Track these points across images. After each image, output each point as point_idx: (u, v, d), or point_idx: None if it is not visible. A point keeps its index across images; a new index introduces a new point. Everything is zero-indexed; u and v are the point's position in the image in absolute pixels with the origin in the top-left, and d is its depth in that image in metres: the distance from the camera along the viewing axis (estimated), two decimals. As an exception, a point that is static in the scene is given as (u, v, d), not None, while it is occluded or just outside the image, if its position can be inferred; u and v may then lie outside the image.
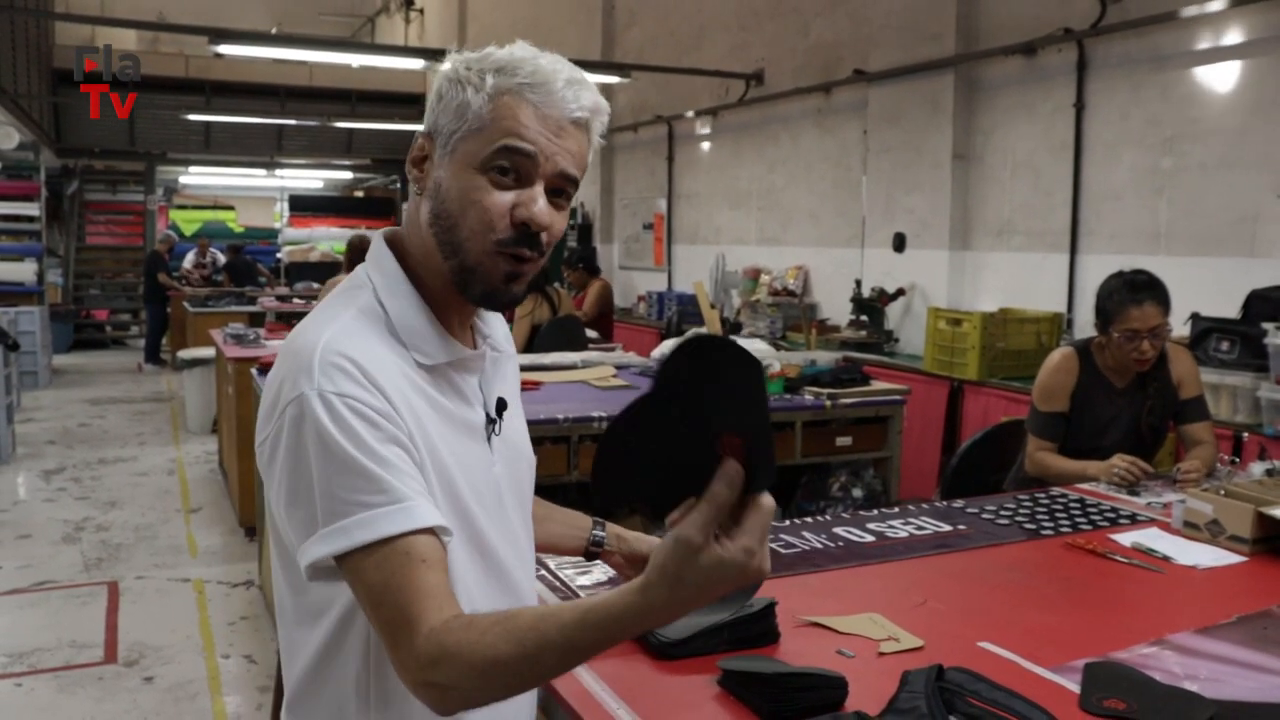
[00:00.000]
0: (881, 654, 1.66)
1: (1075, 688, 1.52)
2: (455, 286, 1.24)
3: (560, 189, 1.23)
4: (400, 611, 1.08)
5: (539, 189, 1.21)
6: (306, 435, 1.12)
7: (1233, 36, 4.90)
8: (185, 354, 8.86)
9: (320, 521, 1.12)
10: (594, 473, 1.05)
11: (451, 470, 1.22)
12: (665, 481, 1.02)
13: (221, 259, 13.75)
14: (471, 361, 1.30)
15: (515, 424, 1.39)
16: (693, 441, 0.99)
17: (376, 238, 1.32)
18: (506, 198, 1.20)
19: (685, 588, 1.00)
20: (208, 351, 8.18)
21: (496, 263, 1.22)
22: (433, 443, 1.20)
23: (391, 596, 1.09)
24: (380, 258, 1.29)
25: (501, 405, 1.34)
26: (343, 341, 1.17)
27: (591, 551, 1.66)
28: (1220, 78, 4.97)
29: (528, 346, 6.34)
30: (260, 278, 13.43)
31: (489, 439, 1.31)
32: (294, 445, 1.13)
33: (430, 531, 1.12)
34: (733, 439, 0.99)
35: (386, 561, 1.09)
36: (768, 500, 1.02)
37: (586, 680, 1.53)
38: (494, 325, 1.40)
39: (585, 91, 1.23)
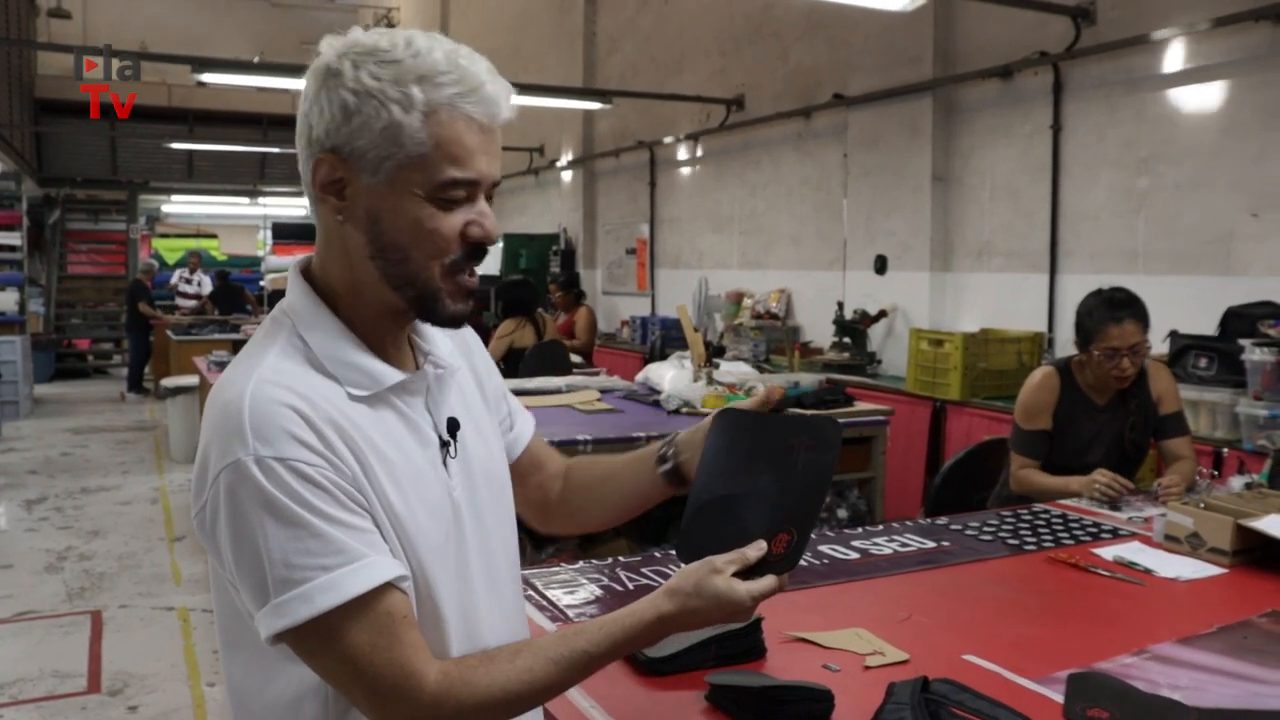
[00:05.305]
0: (867, 667, 1.67)
1: (1059, 698, 1.54)
2: (414, 314, 1.21)
3: (489, 194, 1.21)
4: (395, 668, 1.09)
5: (484, 203, 1.19)
6: (247, 503, 1.06)
7: (1204, 59, 4.97)
8: (169, 382, 8.83)
9: (273, 591, 1.06)
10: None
11: (398, 511, 1.15)
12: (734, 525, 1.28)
13: (209, 285, 13.71)
14: (413, 384, 1.22)
15: (476, 442, 1.31)
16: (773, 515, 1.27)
17: (292, 267, 1.25)
18: (457, 219, 1.16)
19: (694, 599, 1.20)
20: (191, 380, 8.16)
21: (454, 284, 1.19)
22: (379, 482, 1.14)
23: (381, 655, 1.08)
24: (295, 290, 1.22)
25: (454, 425, 1.26)
26: (269, 391, 1.10)
27: (670, 474, 1.43)
28: (1193, 99, 5.04)
29: (510, 370, 6.35)
30: (247, 305, 13.39)
31: (445, 463, 1.24)
32: (234, 514, 1.07)
33: (394, 585, 1.11)
34: (785, 537, 1.26)
35: (369, 621, 1.08)
36: (779, 581, 1.25)
37: (575, 698, 1.54)
38: (436, 341, 1.31)
39: (502, 83, 1.18)
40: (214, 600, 1.23)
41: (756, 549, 1.24)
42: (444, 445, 1.25)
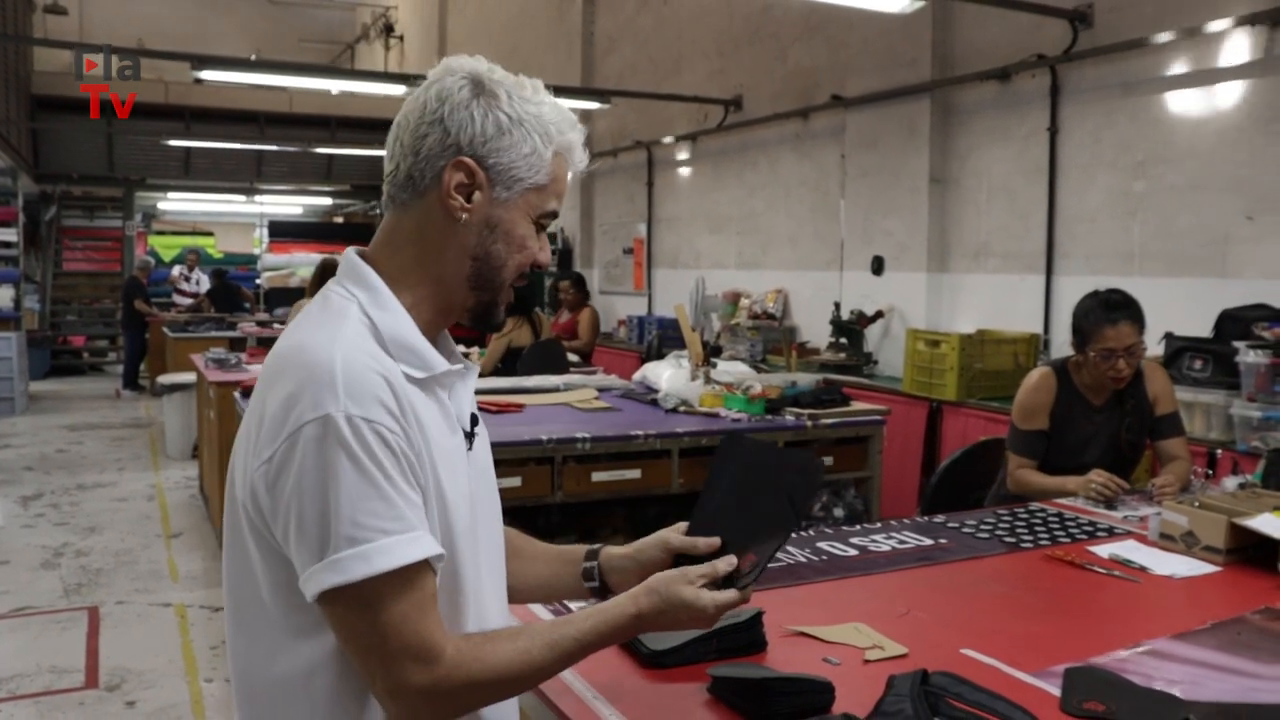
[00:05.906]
0: (867, 661, 1.69)
1: (1056, 691, 1.56)
2: (472, 315, 1.33)
3: None
4: (419, 640, 1.16)
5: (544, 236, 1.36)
6: (331, 455, 1.12)
7: (1200, 62, 5.00)
8: (165, 379, 8.83)
9: (334, 546, 1.11)
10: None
11: (445, 490, 1.23)
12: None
13: (207, 283, 13.71)
14: (447, 377, 1.29)
15: (479, 440, 1.39)
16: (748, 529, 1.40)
17: (349, 254, 1.31)
18: (535, 245, 1.33)
19: (664, 602, 1.32)
20: (188, 377, 8.15)
21: (508, 295, 1.35)
22: (433, 461, 1.21)
23: (410, 626, 1.15)
24: (361, 272, 1.28)
25: (474, 420, 1.35)
26: (359, 357, 1.17)
27: (593, 585, 1.51)
28: (1189, 103, 5.07)
29: (507, 369, 6.36)
30: (245, 303, 13.38)
31: (466, 454, 1.32)
32: (313, 466, 1.12)
33: (430, 563, 1.18)
34: (751, 557, 1.36)
35: (408, 592, 1.15)
36: (740, 596, 1.36)
37: (580, 689, 1.56)
38: (451, 340, 1.41)
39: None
40: (226, 574, 1.26)
41: (727, 564, 1.36)
42: (467, 437, 1.33)
